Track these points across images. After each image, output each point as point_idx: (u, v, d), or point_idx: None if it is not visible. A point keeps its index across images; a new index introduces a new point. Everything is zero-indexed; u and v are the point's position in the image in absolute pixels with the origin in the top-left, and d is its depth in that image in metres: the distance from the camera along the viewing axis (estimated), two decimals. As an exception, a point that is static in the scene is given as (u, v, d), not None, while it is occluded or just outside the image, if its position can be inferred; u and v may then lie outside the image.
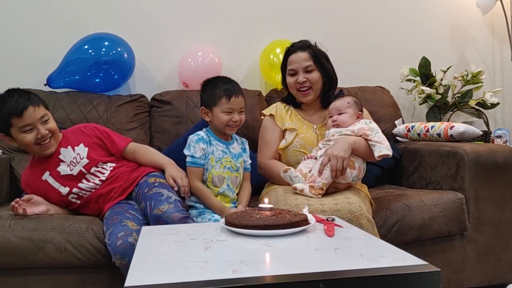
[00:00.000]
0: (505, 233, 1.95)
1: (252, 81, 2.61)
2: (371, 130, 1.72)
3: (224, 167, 1.78)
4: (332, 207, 1.50)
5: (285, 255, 1.02)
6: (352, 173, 1.67)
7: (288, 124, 1.92)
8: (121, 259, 1.44)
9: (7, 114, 1.62)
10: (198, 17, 2.60)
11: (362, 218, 1.48)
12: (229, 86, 1.78)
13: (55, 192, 1.73)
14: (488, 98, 2.64)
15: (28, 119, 1.63)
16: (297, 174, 1.67)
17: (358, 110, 1.83)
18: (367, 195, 1.81)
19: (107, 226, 1.57)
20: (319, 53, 1.93)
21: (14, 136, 1.67)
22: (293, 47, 1.95)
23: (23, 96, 1.65)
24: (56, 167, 1.73)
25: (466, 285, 1.92)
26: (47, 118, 1.69)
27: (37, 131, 1.65)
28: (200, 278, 0.85)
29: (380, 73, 2.75)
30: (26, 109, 1.62)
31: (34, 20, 2.44)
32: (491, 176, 1.92)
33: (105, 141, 1.81)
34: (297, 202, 1.55)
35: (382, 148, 1.67)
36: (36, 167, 1.76)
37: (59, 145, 1.76)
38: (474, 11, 2.87)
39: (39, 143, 1.67)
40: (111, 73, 2.32)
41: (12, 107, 1.62)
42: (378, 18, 2.82)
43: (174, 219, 1.51)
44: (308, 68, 1.90)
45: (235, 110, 1.77)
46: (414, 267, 0.90)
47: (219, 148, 1.79)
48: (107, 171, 1.76)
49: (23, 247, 1.54)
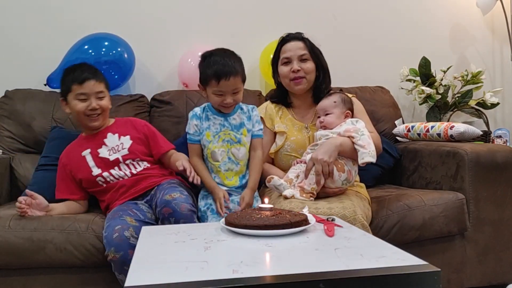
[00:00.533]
0: (505, 233, 1.95)
1: (252, 81, 2.61)
2: (356, 132, 1.67)
3: (223, 141, 1.76)
4: (326, 212, 1.48)
5: (285, 255, 1.02)
6: (341, 176, 1.64)
7: (278, 127, 1.90)
8: (115, 252, 1.44)
9: (70, 80, 1.78)
10: (198, 17, 2.60)
11: (356, 223, 1.46)
12: (220, 66, 1.67)
13: (87, 169, 1.80)
14: (488, 98, 2.64)
15: (85, 89, 1.77)
16: (280, 182, 1.63)
17: (346, 108, 1.78)
18: (366, 196, 1.80)
19: (106, 220, 1.59)
20: (313, 44, 1.91)
21: (69, 101, 1.80)
22: (287, 36, 1.93)
23: (91, 69, 1.83)
24: (97, 148, 1.82)
25: (466, 285, 1.92)
26: (103, 96, 1.82)
27: (89, 103, 1.78)
28: (200, 278, 0.85)
29: (380, 73, 2.75)
30: (88, 80, 1.77)
31: (34, 20, 2.44)
32: (491, 176, 1.92)
33: (150, 140, 1.89)
34: (291, 205, 1.54)
35: (365, 154, 1.62)
36: (81, 142, 1.87)
37: (108, 129, 1.87)
38: (474, 11, 2.87)
39: (88, 115, 1.79)
40: (111, 73, 2.32)
41: (77, 75, 1.78)
42: (378, 18, 2.82)
43: (181, 209, 1.52)
44: (303, 56, 1.87)
45: (227, 93, 1.70)
46: (414, 267, 0.90)
47: (216, 122, 1.77)
48: (139, 168, 1.82)
49: (23, 247, 1.54)
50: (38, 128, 2.17)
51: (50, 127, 2.17)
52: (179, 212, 1.51)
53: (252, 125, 1.81)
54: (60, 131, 2.14)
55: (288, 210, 1.26)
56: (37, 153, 2.14)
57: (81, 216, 1.70)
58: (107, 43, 2.32)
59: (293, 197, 1.60)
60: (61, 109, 2.19)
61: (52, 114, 2.20)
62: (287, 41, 1.91)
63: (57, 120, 2.19)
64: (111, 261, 1.47)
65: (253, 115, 1.83)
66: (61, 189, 1.83)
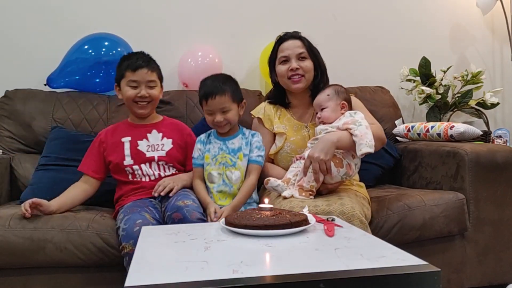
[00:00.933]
0: (505, 233, 1.95)
1: (252, 81, 2.61)
2: (354, 123, 1.65)
3: (220, 163, 1.79)
4: (325, 209, 1.49)
5: (285, 255, 1.02)
6: (339, 172, 1.64)
7: (277, 128, 1.89)
8: (133, 246, 1.44)
9: (125, 67, 1.83)
10: (198, 17, 2.60)
11: (354, 220, 1.46)
12: (208, 87, 1.78)
13: (121, 156, 1.82)
14: (488, 98, 2.63)
15: (137, 76, 1.81)
16: (277, 183, 1.63)
17: (341, 99, 1.76)
18: (365, 195, 1.80)
19: (124, 214, 1.58)
20: (311, 44, 1.90)
21: (121, 87, 1.85)
22: (285, 35, 1.91)
23: (146, 57, 1.87)
24: (138, 139, 1.85)
25: (466, 285, 1.92)
26: (154, 85, 1.86)
27: (139, 90, 1.81)
28: (200, 278, 0.85)
29: (380, 73, 2.75)
30: (141, 68, 1.81)
31: (34, 20, 2.44)
32: (491, 176, 1.92)
33: (188, 151, 1.90)
34: (291, 204, 1.54)
35: (362, 145, 1.59)
36: (125, 127, 1.90)
37: (154, 126, 1.90)
38: (474, 11, 2.87)
39: (136, 101, 1.83)
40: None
41: (132, 62, 1.82)
42: (378, 18, 2.82)
43: (192, 216, 1.53)
44: (302, 55, 1.86)
45: (215, 111, 1.77)
46: (414, 267, 0.90)
47: (216, 145, 1.82)
48: (168, 172, 1.85)
49: (23, 247, 1.54)
50: (38, 128, 2.17)
51: (50, 127, 2.17)
52: (189, 219, 1.52)
53: (249, 150, 1.82)
54: (60, 131, 2.14)
55: (288, 210, 1.26)
56: (37, 153, 2.14)
57: (81, 214, 1.69)
58: (107, 43, 2.32)
59: (292, 197, 1.60)
60: (61, 109, 2.21)
61: (52, 114, 2.20)
62: (285, 40, 1.89)
63: (57, 120, 2.19)
64: (127, 254, 1.47)
65: (253, 141, 1.84)
66: (87, 163, 1.84)
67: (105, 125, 2.20)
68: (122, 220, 1.55)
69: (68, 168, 2.01)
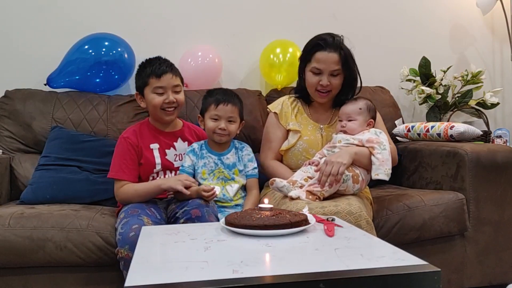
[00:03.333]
0: (505, 233, 1.95)
1: (252, 81, 2.61)
2: (379, 145, 1.66)
3: (218, 178, 1.81)
4: (333, 209, 1.48)
5: (285, 255, 1.02)
6: (354, 187, 1.65)
7: (292, 125, 1.88)
8: (128, 251, 1.44)
9: (148, 74, 1.77)
10: (198, 17, 2.60)
11: (361, 220, 1.47)
12: (221, 95, 1.82)
13: (152, 161, 1.78)
14: (488, 98, 2.63)
15: (163, 82, 1.76)
16: (283, 184, 1.61)
17: (370, 117, 1.77)
18: (368, 197, 1.80)
19: (125, 214, 1.58)
20: (349, 55, 1.83)
21: (146, 95, 1.80)
22: (325, 43, 1.81)
23: (167, 62, 1.82)
24: (166, 148, 1.83)
25: (466, 285, 1.92)
26: (179, 90, 1.82)
27: (167, 96, 1.77)
28: (200, 278, 0.85)
29: (380, 73, 2.74)
30: (166, 73, 1.77)
31: (34, 20, 2.44)
32: (491, 176, 1.92)
33: None
34: (297, 206, 1.53)
35: (380, 171, 1.63)
36: (150, 131, 1.84)
37: (178, 133, 1.88)
38: (474, 11, 2.87)
39: (164, 108, 1.78)
40: (111, 73, 2.32)
41: (155, 68, 1.77)
42: (378, 18, 2.82)
43: (209, 218, 1.54)
44: (335, 72, 1.80)
45: (222, 118, 1.79)
46: (414, 267, 0.90)
47: (211, 160, 1.83)
48: None
49: (22, 246, 1.54)
50: (38, 128, 2.17)
51: (50, 127, 2.17)
52: (206, 219, 1.53)
53: (243, 165, 1.85)
54: (60, 131, 2.14)
55: (288, 210, 1.26)
56: (37, 153, 2.14)
57: (82, 213, 1.69)
58: (107, 43, 2.31)
59: (299, 198, 1.59)
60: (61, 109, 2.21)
61: (52, 114, 2.19)
62: (323, 49, 1.80)
63: (57, 120, 2.19)
64: (122, 258, 1.47)
65: (243, 155, 1.87)
66: (125, 170, 1.73)
67: (105, 125, 2.20)
68: (121, 221, 1.55)
69: (68, 168, 2.01)
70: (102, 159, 2.02)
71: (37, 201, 1.91)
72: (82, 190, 1.96)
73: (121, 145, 1.78)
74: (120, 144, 1.78)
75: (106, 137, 2.18)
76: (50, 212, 1.68)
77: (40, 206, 1.80)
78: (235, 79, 2.62)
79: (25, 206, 1.80)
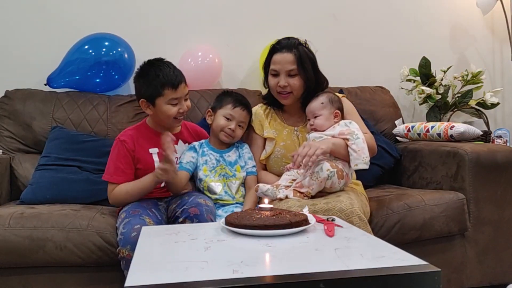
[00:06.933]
0: (505, 233, 1.95)
1: (252, 81, 2.61)
2: (351, 135, 1.65)
3: (220, 175, 1.82)
4: (323, 207, 1.49)
5: (285, 255, 1.02)
6: (340, 183, 1.64)
7: (267, 133, 1.88)
8: (130, 251, 1.43)
9: (163, 83, 1.67)
10: (198, 17, 2.60)
11: (352, 216, 1.46)
12: (244, 100, 1.87)
13: (151, 166, 1.72)
14: (488, 98, 2.63)
15: (179, 93, 1.69)
16: (267, 188, 1.62)
17: (335, 108, 1.76)
18: (363, 192, 1.80)
19: (126, 214, 1.57)
20: (305, 55, 1.82)
21: (158, 105, 1.69)
22: (279, 44, 1.84)
23: (176, 69, 1.73)
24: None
25: (466, 285, 1.92)
26: (188, 97, 1.77)
27: (180, 106, 1.71)
28: (200, 278, 0.85)
29: (380, 73, 2.75)
30: (181, 83, 1.69)
31: (34, 20, 2.44)
32: (491, 176, 1.92)
33: None
34: (288, 204, 1.54)
35: (358, 161, 1.61)
36: (149, 134, 1.78)
37: (179, 136, 1.84)
38: (474, 11, 2.87)
39: (176, 117, 1.73)
40: (111, 73, 2.32)
41: (170, 77, 1.67)
42: (378, 18, 2.82)
43: (207, 217, 1.55)
44: (291, 72, 1.80)
45: (235, 120, 1.82)
46: (414, 267, 0.90)
47: (212, 157, 1.83)
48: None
49: (22, 246, 1.54)
50: (38, 128, 2.17)
51: (50, 127, 2.17)
52: (204, 217, 1.53)
53: (244, 162, 1.88)
54: (60, 131, 2.14)
55: (288, 210, 1.26)
56: (37, 153, 2.14)
57: (82, 213, 1.69)
58: (107, 43, 2.32)
59: (287, 197, 1.61)
60: (61, 109, 2.21)
61: (52, 114, 2.19)
62: (277, 51, 1.83)
63: (57, 120, 2.19)
64: (123, 258, 1.47)
65: (243, 152, 1.90)
66: (119, 174, 1.70)
67: (105, 125, 2.20)
68: (122, 221, 1.55)
69: (68, 168, 2.01)
70: (102, 159, 2.00)
71: (37, 201, 1.91)
72: (82, 190, 1.96)
73: (117, 147, 1.74)
74: (116, 146, 1.74)
75: (106, 137, 2.18)
76: (50, 212, 1.68)
77: (40, 206, 1.80)
78: (235, 79, 2.62)
79: (25, 206, 1.80)
